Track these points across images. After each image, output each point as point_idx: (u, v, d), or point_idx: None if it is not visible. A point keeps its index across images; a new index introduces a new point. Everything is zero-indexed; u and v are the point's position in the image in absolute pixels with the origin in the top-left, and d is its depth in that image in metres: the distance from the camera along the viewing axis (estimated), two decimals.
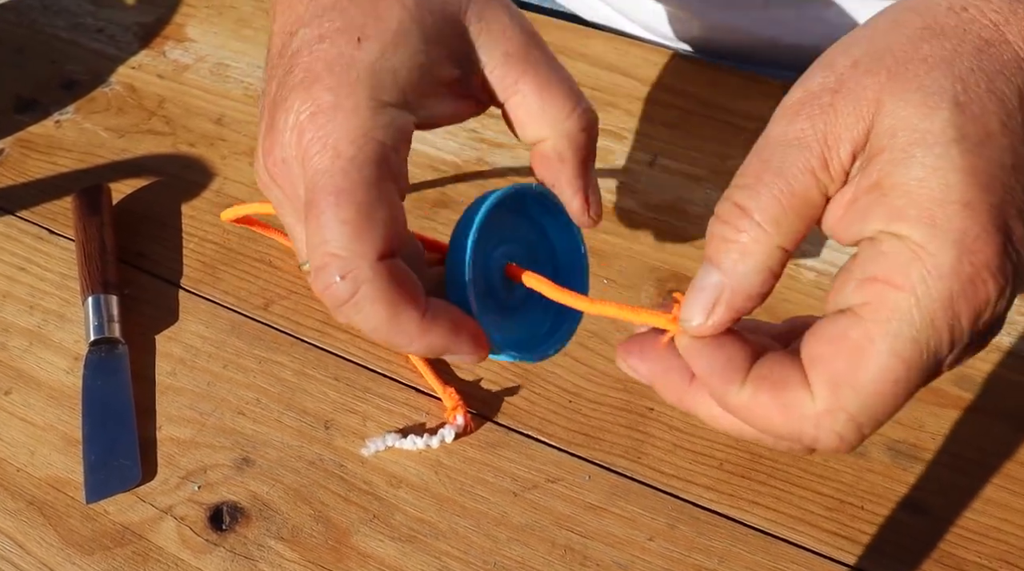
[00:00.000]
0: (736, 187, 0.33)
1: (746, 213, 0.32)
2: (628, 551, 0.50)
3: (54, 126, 0.71)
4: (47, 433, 0.55)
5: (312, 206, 0.35)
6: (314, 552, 0.50)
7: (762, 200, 0.32)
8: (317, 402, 0.56)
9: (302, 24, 0.38)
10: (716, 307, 0.33)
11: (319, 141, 0.35)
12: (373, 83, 0.36)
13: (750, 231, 0.32)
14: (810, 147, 0.32)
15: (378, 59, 0.36)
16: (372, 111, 0.36)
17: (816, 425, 0.32)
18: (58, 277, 0.62)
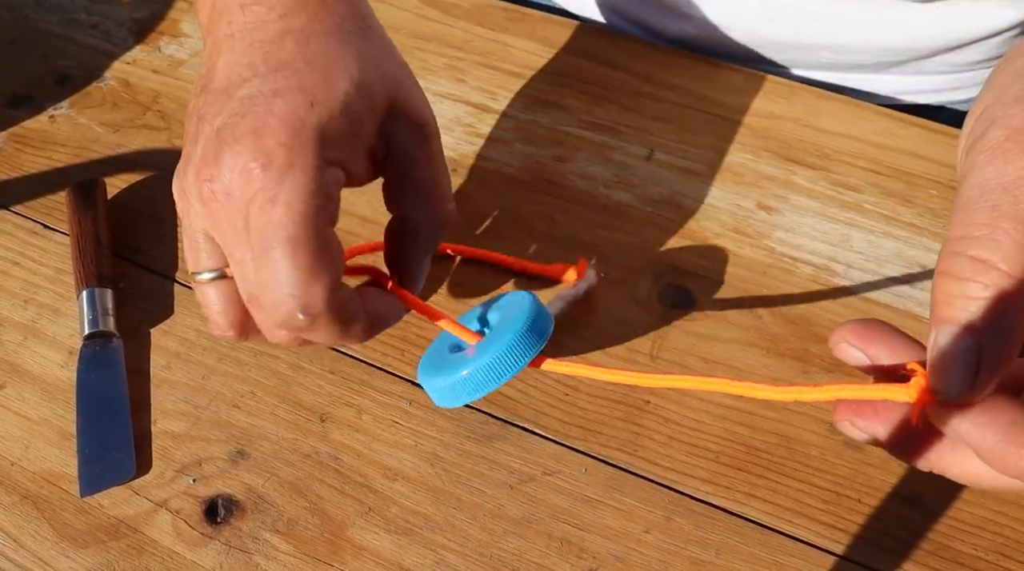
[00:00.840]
0: (965, 239, 0.31)
1: (987, 265, 0.30)
2: (624, 543, 0.50)
3: (48, 121, 0.71)
4: (41, 427, 0.55)
5: (266, 251, 0.39)
6: (309, 545, 0.50)
7: (1004, 248, 0.30)
8: (312, 395, 0.56)
9: (256, 74, 0.41)
10: (979, 375, 0.30)
11: (270, 193, 0.39)
12: (320, 145, 0.40)
13: (998, 282, 0.30)
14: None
15: (326, 124, 0.40)
16: (318, 170, 0.40)
17: None
18: (52, 271, 0.62)
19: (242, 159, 0.39)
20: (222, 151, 0.40)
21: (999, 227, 0.30)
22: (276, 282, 0.39)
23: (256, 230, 0.39)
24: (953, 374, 0.30)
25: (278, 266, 0.39)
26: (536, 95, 0.70)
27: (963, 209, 0.31)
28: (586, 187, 0.64)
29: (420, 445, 0.53)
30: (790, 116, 0.68)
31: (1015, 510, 0.50)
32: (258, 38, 0.42)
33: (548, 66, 0.72)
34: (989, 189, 0.31)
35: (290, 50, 0.42)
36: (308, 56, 0.42)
